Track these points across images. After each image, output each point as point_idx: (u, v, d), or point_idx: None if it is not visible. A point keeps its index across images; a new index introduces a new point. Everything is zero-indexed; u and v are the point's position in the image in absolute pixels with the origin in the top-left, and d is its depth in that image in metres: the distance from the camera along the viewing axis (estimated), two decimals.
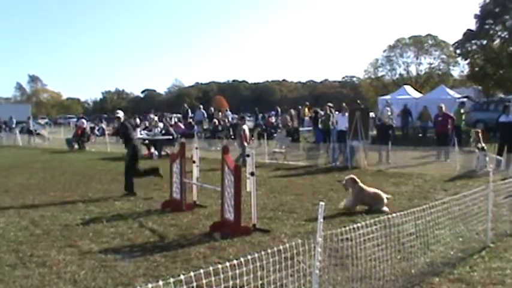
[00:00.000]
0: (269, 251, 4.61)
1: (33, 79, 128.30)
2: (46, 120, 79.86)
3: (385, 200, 10.46)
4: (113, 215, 10.07)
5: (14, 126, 43.74)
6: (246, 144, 18.45)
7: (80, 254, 7.35)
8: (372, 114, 23.01)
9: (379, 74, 78.37)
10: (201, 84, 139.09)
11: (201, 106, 37.63)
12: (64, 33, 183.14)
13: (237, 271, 4.32)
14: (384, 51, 77.33)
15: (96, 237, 8.32)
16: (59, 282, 6.15)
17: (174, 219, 9.64)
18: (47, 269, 6.69)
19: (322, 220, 4.77)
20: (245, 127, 19.36)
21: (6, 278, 6.32)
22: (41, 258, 7.16)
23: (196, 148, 11.28)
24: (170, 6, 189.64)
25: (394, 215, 6.26)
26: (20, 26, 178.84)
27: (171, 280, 3.62)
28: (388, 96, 39.16)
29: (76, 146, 29.24)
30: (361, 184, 10.57)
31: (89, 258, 7.16)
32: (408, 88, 43.15)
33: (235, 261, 4.15)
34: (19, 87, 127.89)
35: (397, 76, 76.04)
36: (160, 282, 3.34)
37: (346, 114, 19.30)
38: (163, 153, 23.33)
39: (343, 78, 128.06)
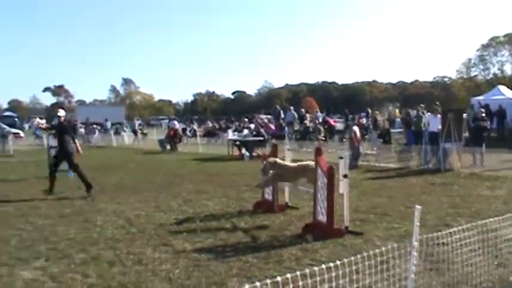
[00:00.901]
0: (364, 254, 4.59)
1: (127, 82, 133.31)
2: (140, 121, 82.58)
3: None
4: (205, 215, 10.29)
5: (109, 127, 45.70)
6: (357, 145, 18.67)
7: (174, 253, 7.57)
8: (464, 115, 22.28)
9: (472, 74, 75.96)
10: (291, 85, 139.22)
11: (292, 107, 37.80)
12: (156, 36, 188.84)
13: (333, 274, 4.33)
14: (477, 50, 75.16)
15: (190, 236, 8.54)
16: (155, 280, 6.37)
17: (266, 220, 9.73)
18: (142, 266, 6.95)
19: (418, 223, 4.71)
20: (356, 128, 19.58)
21: (105, 274, 6.61)
22: (136, 256, 7.44)
23: (288, 149, 11.35)
24: (260, 8, 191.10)
25: (491, 220, 6.07)
26: (114, 31, 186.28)
27: (268, 281, 3.69)
28: (481, 97, 37.92)
29: (168, 147, 30.11)
30: (280, 161, 9.98)
31: (183, 257, 7.36)
32: (503, 88, 41.43)
33: (331, 264, 4.15)
34: (113, 89, 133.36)
35: (491, 76, 73.33)
36: (258, 284, 3.40)
37: (438, 115, 18.78)
38: (254, 154, 23.59)
39: (434, 78, 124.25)
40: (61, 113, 14.49)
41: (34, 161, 23.66)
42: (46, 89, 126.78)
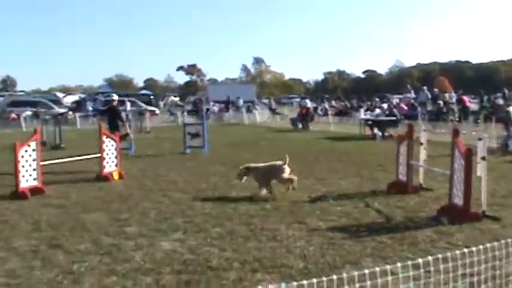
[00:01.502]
0: (502, 241, 4.35)
1: (257, 61, 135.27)
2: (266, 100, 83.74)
3: (284, 167, 10.13)
4: (338, 194, 10.25)
5: (240, 105, 46.76)
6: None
7: (308, 231, 7.61)
8: None
9: None
10: (423, 64, 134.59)
11: (425, 87, 36.54)
12: (287, 15, 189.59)
13: (474, 259, 4.15)
14: None
15: (324, 215, 8.54)
16: (289, 256, 6.43)
17: (400, 201, 9.53)
18: (277, 242, 7.04)
19: None
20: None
21: (240, 249, 6.77)
22: (271, 232, 7.55)
23: (424, 130, 11.02)
24: None
25: None
26: (245, 11, 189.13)
27: (409, 263, 3.60)
28: None
29: (300, 126, 30.26)
30: (253, 165, 10.48)
31: (316, 235, 7.38)
32: None
33: (473, 249, 3.98)
34: (244, 68, 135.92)
35: None
36: (399, 264, 3.34)
37: None
38: (386, 134, 23.14)
39: None
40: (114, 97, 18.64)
41: (169, 137, 24.69)
42: (179, 68, 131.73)
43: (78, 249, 6.89)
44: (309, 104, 34.48)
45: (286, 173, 10.25)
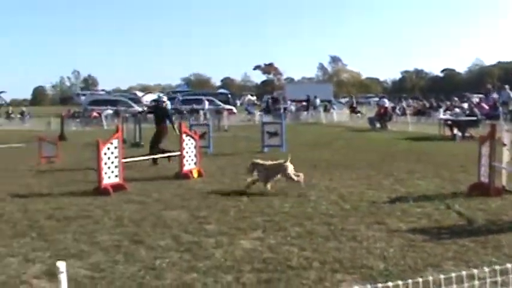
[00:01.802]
0: None
1: (334, 59, 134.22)
2: (347, 99, 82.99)
3: (287, 163, 10.76)
4: (418, 195, 10.07)
5: (318, 104, 46.57)
6: None
7: (388, 232, 7.52)
8: None
9: None
10: (504, 62, 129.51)
11: (507, 86, 35.16)
12: (361, 13, 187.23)
13: None
14: None
15: (404, 216, 8.41)
16: (369, 257, 6.38)
17: (482, 204, 9.23)
18: (357, 243, 7.00)
19: None
20: None
21: (320, 248, 6.76)
22: (351, 232, 7.51)
23: (507, 131, 10.66)
24: None
25: None
26: (322, 9, 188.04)
27: (497, 268, 3.53)
28: None
29: (378, 125, 29.88)
30: (260, 161, 11.09)
31: (397, 236, 7.28)
32: None
33: None
34: (321, 67, 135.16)
35: None
36: (486, 269, 3.27)
37: None
38: (466, 134, 22.50)
39: None
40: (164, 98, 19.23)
41: (246, 136, 24.92)
42: (256, 67, 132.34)
43: (160, 245, 7.06)
44: (387, 103, 33.98)
45: (290, 169, 10.72)
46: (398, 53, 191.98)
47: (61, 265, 3.79)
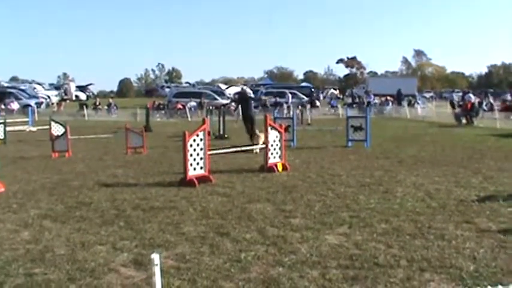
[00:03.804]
0: None
1: (418, 53, 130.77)
2: (431, 93, 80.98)
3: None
4: (509, 194, 9.57)
5: (402, 99, 45.71)
6: None
7: (478, 232, 7.19)
8: None
9: None
10: None
11: None
12: (446, 6, 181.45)
13: None
14: None
15: (493, 215, 8.02)
16: (458, 257, 6.11)
17: None
18: (445, 242, 6.72)
19: None
20: None
21: (406, 246, 6.55)
22: (438, 231, 7.24)
23: None
24: None
25: None
26: (400, 2, 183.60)
27: None
28: None
29: (464, 121, 28.90)
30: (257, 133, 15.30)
31: (487, 236, 6.94)
32: None
33: None
34: (405, 61, 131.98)
35: None
36: None
37: None
38: None
39: None
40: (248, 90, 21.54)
41: (330, 129, 24.70)
42: (339, 61, 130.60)
43: (245, 238, 7.02)
44: (473, 98, 32.80)
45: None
46: (485, 46, 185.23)
47: (156, 257, 3.84)
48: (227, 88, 64.75)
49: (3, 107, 43.29)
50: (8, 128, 22.99)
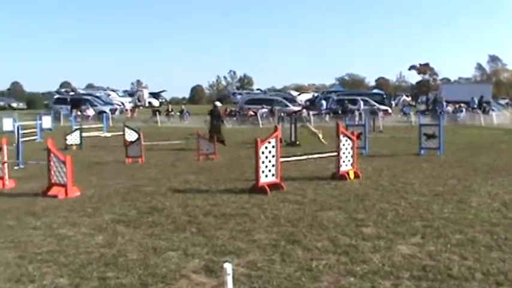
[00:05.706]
0: None
1: (493, 59, 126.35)
2: (506, 100, 78.00)
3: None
4: None
5: (475, 106, 44.27)
6: None
7: None
8: None
9: None
10: None
11: None
12: None
13: None
14: None
15: None
16: None
17: None
18: None
19: None
20: None
21: (482, 258, 6.26)
22: None
23: None
24: None
25: None
26: (474, 9, 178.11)
27: None
28: None
29: None
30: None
31: None
32: None
33: None
34: (479, 67, 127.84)
35: None
36: None
37: None
38: None
39: None
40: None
41: (403, 137, 24.17)
42: (411, 67, 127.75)
43: (316, 247, 6.89)
44: None
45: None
46: None
47: (228, 267, 3.81)
48: (298, 95, 64.57)
49: (79, 113, 44.79)
50: (83, 134, 23.79)
